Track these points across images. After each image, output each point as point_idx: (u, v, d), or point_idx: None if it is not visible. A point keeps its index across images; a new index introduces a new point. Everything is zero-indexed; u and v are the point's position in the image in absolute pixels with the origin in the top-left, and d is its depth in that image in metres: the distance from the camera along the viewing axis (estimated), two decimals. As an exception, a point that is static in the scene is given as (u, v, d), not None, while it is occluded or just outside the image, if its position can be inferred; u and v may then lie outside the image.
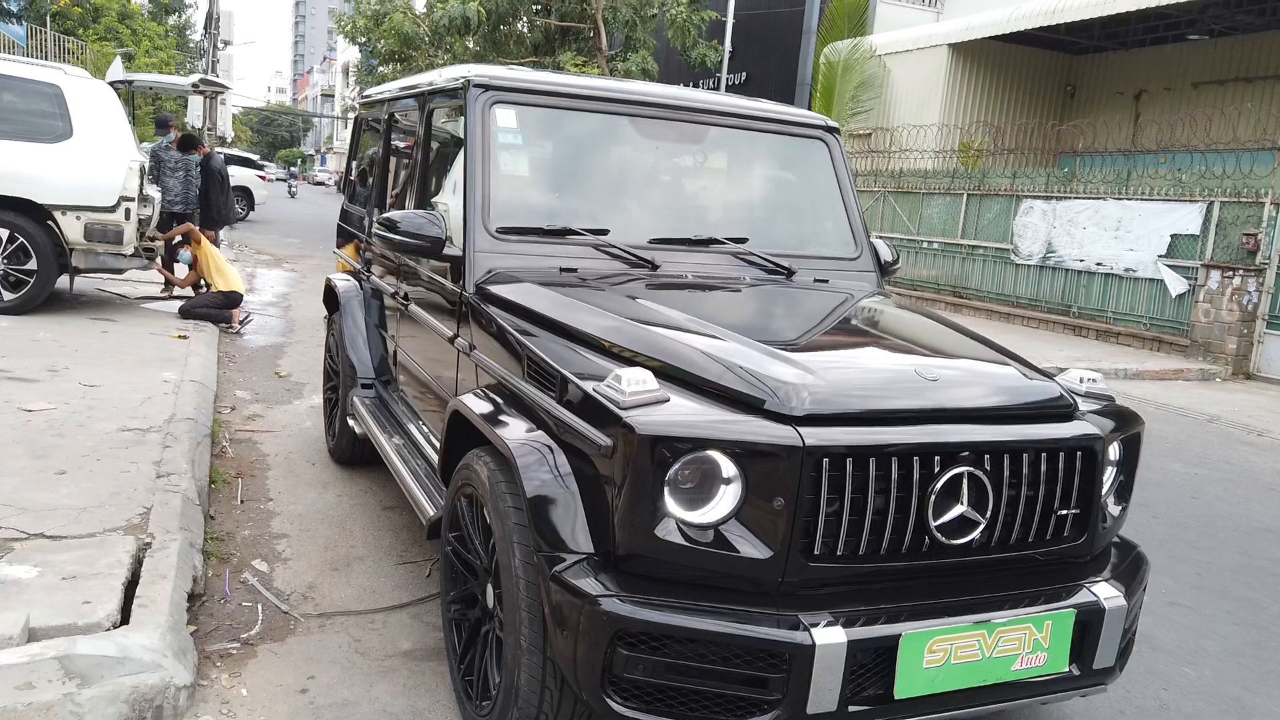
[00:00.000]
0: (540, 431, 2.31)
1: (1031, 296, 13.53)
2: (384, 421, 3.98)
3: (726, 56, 18.84)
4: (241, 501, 4.19)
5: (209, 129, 14.52)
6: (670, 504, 1.98)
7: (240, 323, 8.24)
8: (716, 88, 19.53)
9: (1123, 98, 16.96)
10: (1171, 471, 6.19)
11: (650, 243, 3.19)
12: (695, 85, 20.12)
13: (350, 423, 4.31)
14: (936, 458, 2.09)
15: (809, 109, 5.28)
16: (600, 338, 2.48)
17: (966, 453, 2.11)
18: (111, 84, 8.77)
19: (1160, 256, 11.82)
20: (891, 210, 16.16)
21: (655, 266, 3.10)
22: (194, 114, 18.69)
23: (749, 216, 3.64)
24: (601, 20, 17.32)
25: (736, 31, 19.32)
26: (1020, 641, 2.10)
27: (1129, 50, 16.83)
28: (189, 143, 9.28)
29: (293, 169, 64.55)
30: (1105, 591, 2.24)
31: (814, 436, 1.99)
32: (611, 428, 2.03)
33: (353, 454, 4.64)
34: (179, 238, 8.63)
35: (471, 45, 18.65)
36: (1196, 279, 11.39)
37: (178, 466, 4.01)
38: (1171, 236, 11.70)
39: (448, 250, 3.07)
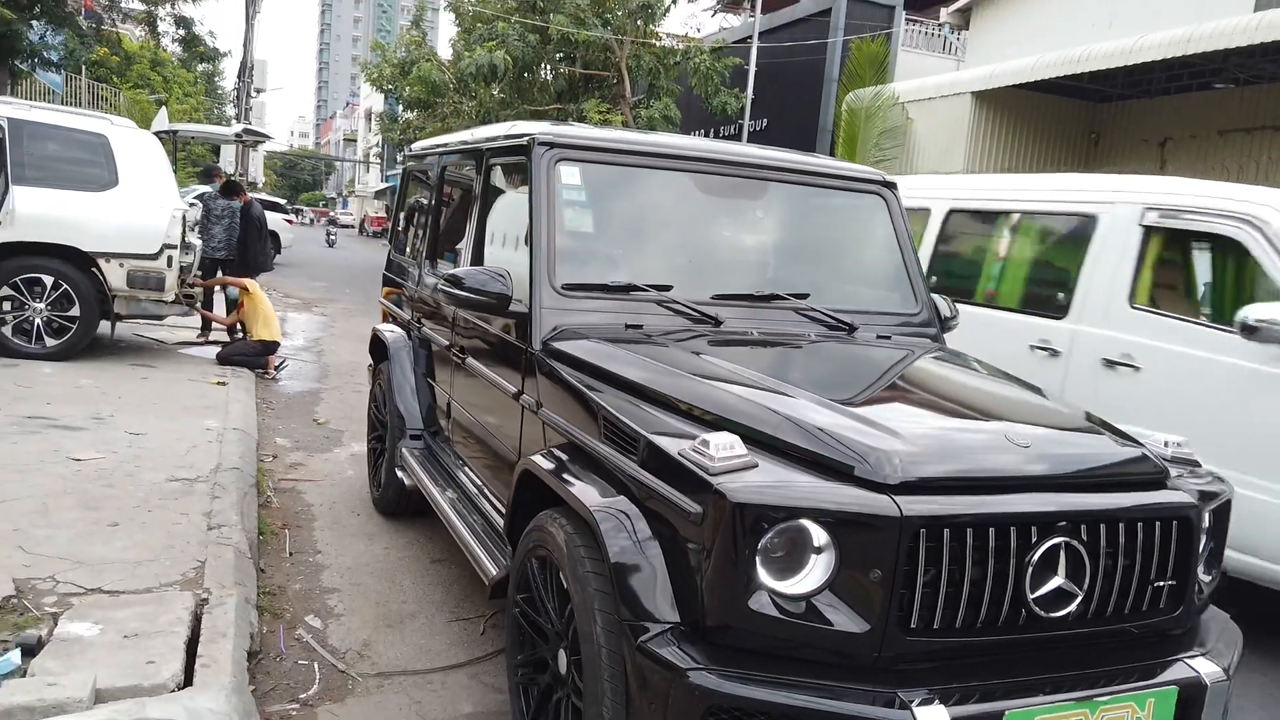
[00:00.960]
0: (620, 495, 2.27)
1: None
2: (435, 474, 3.95)
3: (749, 103, 19.02)
4: (290, 554, 4.16)
5: (241, 175, 14.74)
6: (762, 574, 1.94)
7: (276, 368, 8.28)
8: (738, 135, 19.68)
9: (1148, 145, 16.95)
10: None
11: (713, 298, 3.17)
12: (716, 132, 20.33)
13: (399, 474, 4.28)
14: (1034, 527, 2.04)
15: (831, 155, 5.29)
16: (677, 398, 2.46)
17: (1064, 522, 2.06)
18: (156, 134, 8.94)
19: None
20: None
21: (719, 322, 3.08)
22: (225, 161, 19.04)
23: (809, 272, 3.62)
24: (625, 68, 17.57)
25: (757, 79, 19.51)
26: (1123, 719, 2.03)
27: (1153, 98, 16.85)
28: (232, 189, 9.42)
29: (331, 213, 60.36)
30: (1206, 667, 2.16)
31: (911, 506, 1.94)
32: (701, 494, 2.00)
33: (398, 505, 4.61)
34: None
35: (497, 93, 18.92)
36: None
37: (228, 518, 3.99)
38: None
39: (512, 306, 3.07)
